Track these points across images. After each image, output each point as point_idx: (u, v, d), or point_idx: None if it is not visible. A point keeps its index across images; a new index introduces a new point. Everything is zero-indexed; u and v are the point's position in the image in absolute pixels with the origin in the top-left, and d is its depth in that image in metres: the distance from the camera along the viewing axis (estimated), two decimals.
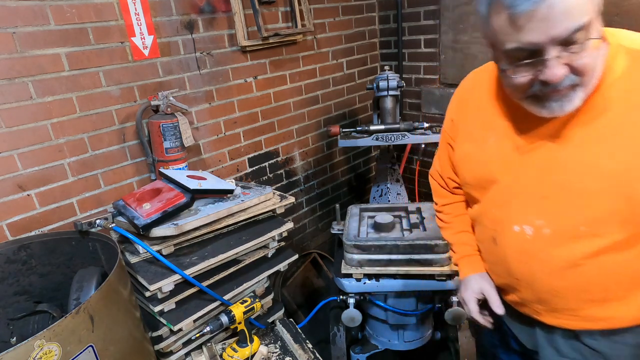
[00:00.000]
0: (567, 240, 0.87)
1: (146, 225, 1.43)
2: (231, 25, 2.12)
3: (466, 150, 1.03)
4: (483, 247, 1.10)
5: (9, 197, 1.58)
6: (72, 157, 1.72)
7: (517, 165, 0.91)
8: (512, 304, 1.08)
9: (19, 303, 1.47)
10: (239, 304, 1.57)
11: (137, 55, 1.82)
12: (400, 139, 2.01)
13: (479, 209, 1.04)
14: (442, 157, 1.20)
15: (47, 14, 1.55)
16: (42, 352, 0.96)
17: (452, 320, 1.76)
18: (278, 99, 2.46)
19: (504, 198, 0.94)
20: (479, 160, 0.98)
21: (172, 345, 1.56)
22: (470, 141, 1.02)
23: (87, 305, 1.07)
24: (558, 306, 0.96)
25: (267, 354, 1.64)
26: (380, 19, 2.95)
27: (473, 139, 1.01)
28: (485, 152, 0.96)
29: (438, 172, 1.24)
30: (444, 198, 1.26)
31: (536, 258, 0.91)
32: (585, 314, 0.94)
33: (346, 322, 1.80)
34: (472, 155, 1.01)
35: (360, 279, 1.74)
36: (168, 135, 1.80)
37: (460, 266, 1.20)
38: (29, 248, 1.47)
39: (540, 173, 0.87)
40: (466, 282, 1.15)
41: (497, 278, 1.08)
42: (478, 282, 1.12)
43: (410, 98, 2.97)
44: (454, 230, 1.23)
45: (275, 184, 2.59)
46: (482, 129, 0.98)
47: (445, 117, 1.16)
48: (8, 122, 1.53)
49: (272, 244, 1.79)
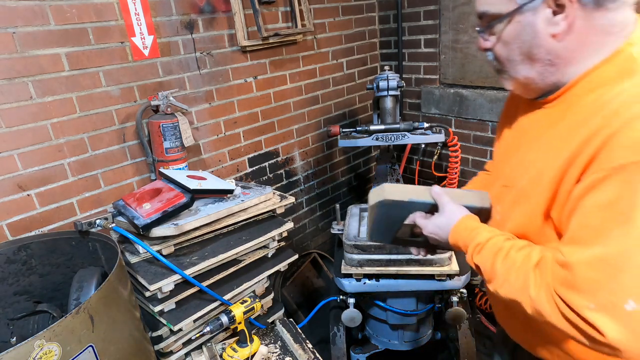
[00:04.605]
0: (502, 229, 0.90)
1: (146, 225, 1.43)
2: (231, 25, 2.12)
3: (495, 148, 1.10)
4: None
5: (9, 197, 1.57)
6: (72, 157, 1.71)
7: (502, 154, 1.00)
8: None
9: (19, 303, 1.47)
10: (239, 304, 1.57)
11: (137, 55, 1.82)
12: (400, 139, 2.01)
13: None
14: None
15: (47, 14, 1.55)
16: (42, 352, 0.96)
17: (452, 320, 1.76)
18: (278, 99, 2.46)
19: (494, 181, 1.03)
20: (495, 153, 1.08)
21: (172, 345, 1.56)
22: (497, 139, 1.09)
23: (87, 305, 1.07)
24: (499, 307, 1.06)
25: (267, 354, 1.64)
26: (380, 19, 2.95)
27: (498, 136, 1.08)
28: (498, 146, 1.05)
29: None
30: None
31: None
32: (502, 317, 1.05)
33: (346, 322, 1.80)
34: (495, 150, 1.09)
35: (360, 279, 1.74)
36: (168, 135, 1.80)
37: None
38: (29, 248, 1.47)
39: (506, 163, 0.95)
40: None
41: None
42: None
43: (410, 98, 2.97)
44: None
45: (275, 184, 2.59)
46: (503, 124, 1.04)
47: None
48: (8, 122, 1.53)
49: (272, 244, 1.79)
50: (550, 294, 0.70)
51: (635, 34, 0.73)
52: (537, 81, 0.81)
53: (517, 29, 0.77)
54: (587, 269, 0.65)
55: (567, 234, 0.72)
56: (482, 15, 0.82)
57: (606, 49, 0.74)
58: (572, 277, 0.67)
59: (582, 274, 0.66)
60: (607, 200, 0.65)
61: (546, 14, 0.73)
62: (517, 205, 0.86)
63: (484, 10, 0.81)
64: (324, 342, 2.26)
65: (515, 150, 0.92)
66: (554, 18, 0.73)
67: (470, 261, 0.87)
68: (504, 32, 0.79)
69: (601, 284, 0.64)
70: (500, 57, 0.83)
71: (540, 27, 0.74)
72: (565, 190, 0.73)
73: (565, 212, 0.74)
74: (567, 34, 0.73)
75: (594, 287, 0.64)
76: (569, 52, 0.75)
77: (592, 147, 0.68)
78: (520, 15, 0.75)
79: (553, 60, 0.76)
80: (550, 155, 0.77)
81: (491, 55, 0.85)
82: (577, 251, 0.67)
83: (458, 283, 1.71)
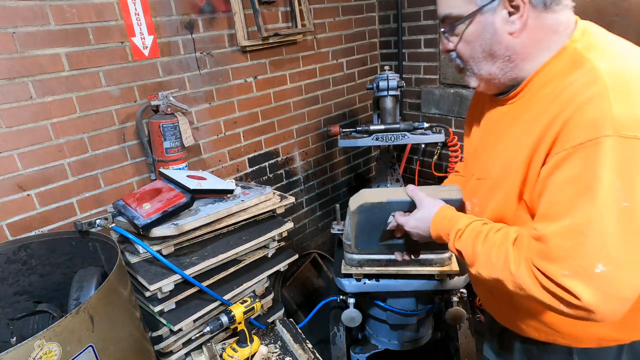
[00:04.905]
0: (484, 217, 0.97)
1: (146, 225, 1.43)
2: (231, 25, 2.12)
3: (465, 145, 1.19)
4: None
5: (9, 197, 1.57)
6: (72, 157, 1.71)
7: (473, 151, 1.07)
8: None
9: (19, 303, 1.47)
10: (239, 304, 1.56)
11: (137, 55, 1.82)
12: (400, 139, 2.01)
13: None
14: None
15: (47, 14, 1.55)
16: (42, 352, 0.96)
17: (452, 320, 1.76)
18: (278, 99, 2.46)
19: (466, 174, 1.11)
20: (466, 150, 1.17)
21: (172, 345, 1.56)
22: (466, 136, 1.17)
23: (87, 305, 1.07)
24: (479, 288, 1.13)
25: (267, 354, 1.64)
26: (380, 19, 2.95)
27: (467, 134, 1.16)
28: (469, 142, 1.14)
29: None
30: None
31: None
32: (488, 303, 1.12)
33: (346, 322, 1.80)
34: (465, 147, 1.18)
35: (360, 279, 1.74)
36: (168, 135, 1.80)
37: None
38: (29, 248, 1.47)
39: (478, 158, 1.03)
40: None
41: None
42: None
43: (410, 98, 2.97)
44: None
45: (275, 184, 2.59)
46: (470, 123, 1.13)
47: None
48: (8, 122, 1.53)
49: (272, 244, 1.79)
50: (529, 267, 0.76)
51: (576, 33, 0.83)
52: (499, 76, 0.88)
53: (478, 29, 0.85)
54: (559, 239, 0.72)
55: (538, 211, 0.79)
56: (445, 18, 0.90)
57: (554, 46, 0.83)
58: (546, 248, 0.73)
59: (554, 244, 0.72)
60: (571, 175, 0.72)
61: (503, 14, 0.82)
62: (493, 194, 0.92)
63: (447, 13, 0.88)
64: (324, 342, 2.26)
65: (485, 146, 1.00)
66: (510, 18, 0.82)
67: (452, 247, 0.93)
68: (466, 32, 0.87)
69: (572, 251, 0.70)
70: (464, 56, 0.91)
71: (499, 26, 0.83)
72: (534, 172, 0.80)
73: (536, 192, 0.80)
74: (522, 31, 0.82)
75: (567, 255, 0.71)
76: (525, 48, 0.84)
77: (553, 131, 0.75)
78: (481, 16, 0.83)
79: (511, 56, 0.85)
80: (518, 145, 0.84)
81: (454, 54, 0.93)
82: (549, 225, 0.74)
83: (458, 283, 1.71)
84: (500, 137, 0.93)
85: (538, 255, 0.74)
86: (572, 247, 0.70)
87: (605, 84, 0.71)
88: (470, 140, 1.11)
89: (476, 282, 1.16)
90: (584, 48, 0.79)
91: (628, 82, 0.72)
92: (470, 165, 1.10)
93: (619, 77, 0.73)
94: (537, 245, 0.75)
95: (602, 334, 0.91)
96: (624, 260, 0.68)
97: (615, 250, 0.68)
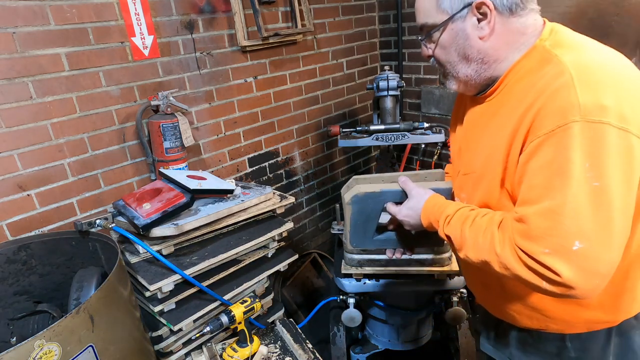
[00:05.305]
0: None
1: (146, 225, 1.43)
2: (231, 25, 2.12)
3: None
4: None
5: (9, 197, 1.57)
6: (72, 157, 1.71)
7: (458, 149, 1.13)
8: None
9: (19, 303, 1.47)
10: (239, 304, 1.56)
11: (137, 55, 1.82)
12: (400, 139, 2.01)
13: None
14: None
15: (47, 14, 1.55)
16: (42, 352, 0.96)
17: (452, 320, 1.76)
18: (278, 99, 2.46)
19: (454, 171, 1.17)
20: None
21: (172, 345, 1.56)
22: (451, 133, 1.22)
23: (87, 305, 1.07)
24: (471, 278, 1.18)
25: (267, 354, 1.64)
26: (380, 19, 2.95)
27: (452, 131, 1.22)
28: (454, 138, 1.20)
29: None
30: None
31: None
32: (481, 296, 1.16)
33: (346, 322, 1.80)
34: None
35: (360, 279, 1.74)
36: (168, 135, 1.80)
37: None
38: (29, 248, 1.47)
39: (463, 155, 1.08)
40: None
41: None
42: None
43: (410, 98, 2.97)
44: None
45: (275, 184, 2.59)
46: (454, 123, 1.18)
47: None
48: (8, 122, 1.53)
49: (272, 244, 1.79)
50: (512, 247, 0.80)
51: (544, 33, 0.89)
52: (474, 77, 0.95)
53: (451, 35, 0.93)
54: (539, 219, 0.76)
55: (519, 197, 0.84)
56: (422, 27, 0.98)
57: (524, 46, 0.90)
58: (527, 228, 0.78)
59: (534, 224, 0.77)
60: (545, 160, 0.77)
61: (473, 21, 0.89)
62: (478, 186, 0.98)
63: (423, 22, 0.96)
64: (324, 342, 2.26)
65: (468, 143, 1.06)
66: (479, 24, 0.89)
67: (442, 233, 0.97)
68: (441, 39, 0.95)
69: (551, 230, 0.75)
70: (441, 61, 0.99)
71: (470, 32, 0.90)
72: (513, 160, 0.86)
73: (516, 179, 0.86)
74: (491, 35, 0.89)
75: (546, 234, 0.75)
76: (495, 50, 0.91)
77: (528, 121, 0.81)
78: (453, 24, 0.91)
79: (484, 58, 0.92)
80: (497, 137, 0.90)
81: (433, 60, 1.01)
82: (529, 207, 0.79)
83: (458, 283, 1.71)
84: (481, 133, 0.99)
85: (520, 235, 0.79)
86: (550, 227, 0.75)
87: (572, 75, 0.78)
88: (455, 139, 1.17)
89: (468, 274, 1.22)
90: (552, 45, 0.86)
91: (592, 73, 0.78)
92: (456, 162, 1.16)
93: (583, 68, 0.79)
94: (518, 226, 0.80)
95: (591, 317, 0.95)
96: (596, 238, 0.72)
97: (589, 228, 0.72)
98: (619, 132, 0.73)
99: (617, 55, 0.86)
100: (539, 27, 0.91)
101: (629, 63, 0.86)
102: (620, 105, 0.74)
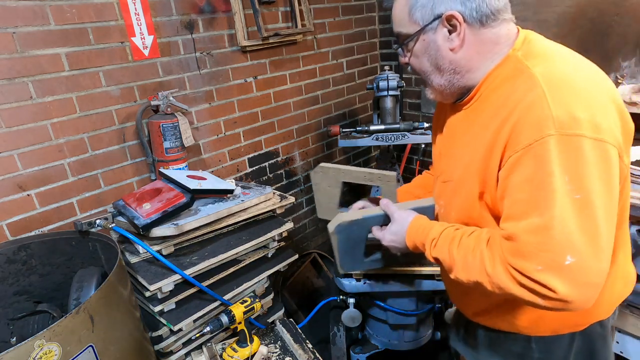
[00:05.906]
0: (448, 220, 1.04)
1: (146, 225, 1.43)
2: (231, 25, 2.12)
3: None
4: None
5: (9, 197, 1.57)
6: (72, 157, 1.71)
7: (438, 156, 1.14)
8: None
9: (19, 303, 1.47)
10: (239, 304, 1.56)
11: (137, 55, 1.82)
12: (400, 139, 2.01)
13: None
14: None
15: (47, 14, 1.55)
16: (42, 352, 0.96)
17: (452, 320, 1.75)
18: (278, 99, 2.46)
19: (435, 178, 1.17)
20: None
21: (172, 345, 1.56)
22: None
23: (87, 305, 1.07)
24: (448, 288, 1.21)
25: (267, 354, 1.64)
26: (380, 19, 2.95)
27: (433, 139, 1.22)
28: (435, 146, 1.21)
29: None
30: None
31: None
32: (457, 298, 1.17)
33: (346, 322, 1.80)
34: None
35: (360, 279, 1.74)
36: (168, 135, 1.80)
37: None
38: (29, 248, 1.47)
39: (442, 162, 1.09)
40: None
41: None
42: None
43: (410, 98, 2.97)
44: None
45: (275, 184, 2.59)
46: (435, 130, 1.19)
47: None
48: (8, 122, 1.53)
49: (272, 244, 1.79)
50: (505, 267, 0.79)
51: (517, 42, 0.90)
52: (448, 87, 0.96)
53: (424, 46, 0.93)
54: (528, 235, 0.76)
55: (504, 212, 0.83)
56: (398, 36, 0.99)
57: (497, 56, 0.90)
58: (517, 246, 0.77)
59: (524, 241, 0.76)
60: (526, 175, 0.77)
61: (444, 33, 0.90)
62: (457, 194, 0.99)
63: (398, 31, 0.97)
64: (324, 342, 2.26)
65: (447, 150, 1.07)
66: (450, 36, 0.90)
67: (429, 256, 0.97)
68: (415, 48, 0.95)
69: (542, 246, 0.74)
70: (416, 69, 1.00)
71: (441, 43, 0.91)
72: (492, 175, 0.86)
73: (498, 194, 0.85)
74: (462, 47, 0.90)
75: (537, 249, 0.74)
76: (467, 61, 0.91)
77: (504, 135, 0.81)
78: (424, 35, 0.92)
79: (456, 69, 0.93)
80: (474, 147, 0.91)
81: (410, 68, 1.02)
82: (516, 224, 0.78)
83: None
84: (459, 141, 1.00)
85: (511, 253, 0.78)
86: (540, 242, 0.74)
87: (543, 89, 0.78)
88: (436, 145, 1.18)
89: (447, 280, 1.20)
90: (524, 56, 0.87)
91: (562, 85, 0.79)
92: (436, 167, 1.17)
93: (554, 80, 0.79)
94: (508, 245, 0.79)
95: (560, 321, 0.97)
96: (586, 250, 0.72)
97: (578, 241, 0.72)
98: (594, 142, 0.74)
99: (586, 63, 0.88)
100: (512, 37, 0.91)
101: (597, 69, 0.87)
102: (592, 116, 0.75)
